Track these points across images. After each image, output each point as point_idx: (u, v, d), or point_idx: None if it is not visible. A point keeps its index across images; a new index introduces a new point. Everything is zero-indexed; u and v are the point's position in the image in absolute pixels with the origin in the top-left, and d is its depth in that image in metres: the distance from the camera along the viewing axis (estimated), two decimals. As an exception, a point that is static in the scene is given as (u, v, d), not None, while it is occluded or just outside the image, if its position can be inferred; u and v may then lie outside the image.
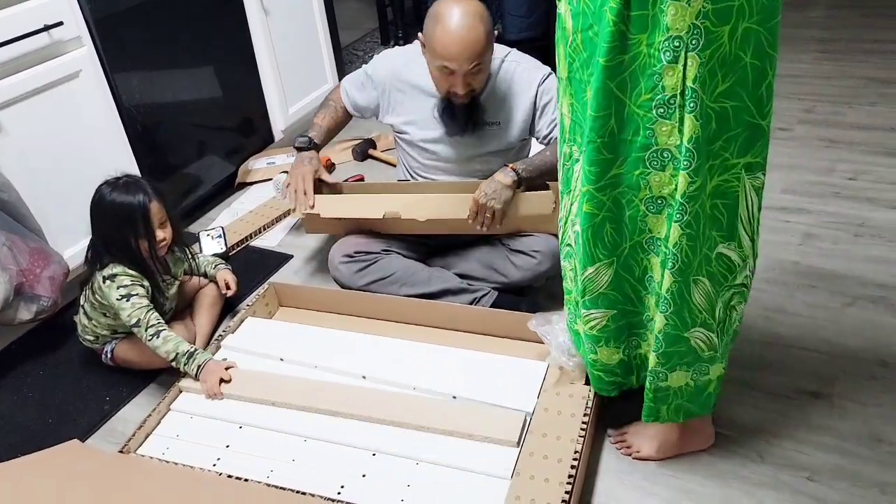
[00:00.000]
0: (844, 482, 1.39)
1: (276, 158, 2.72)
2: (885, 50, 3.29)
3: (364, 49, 4.04)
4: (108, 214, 1.64)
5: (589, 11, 1.07)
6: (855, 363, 1.65)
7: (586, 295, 1.30)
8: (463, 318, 1.78)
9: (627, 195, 1.18)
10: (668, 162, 1.12)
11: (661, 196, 1.16)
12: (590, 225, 1.21)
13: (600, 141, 1.13)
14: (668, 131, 1.09)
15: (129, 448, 1.51)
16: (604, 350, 1.37)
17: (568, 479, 1.33)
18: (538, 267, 1.81)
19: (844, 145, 2.54)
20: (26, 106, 1.83)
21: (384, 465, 1.45)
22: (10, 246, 1.72)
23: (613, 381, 1.43)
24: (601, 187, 1.17)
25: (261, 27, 2.56)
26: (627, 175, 1.16)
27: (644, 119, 1.10)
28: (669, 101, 1.06)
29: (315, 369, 1.68)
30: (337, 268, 1.89)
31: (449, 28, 1.57)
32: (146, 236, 1.65)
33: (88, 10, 1.94)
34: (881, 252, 2.00)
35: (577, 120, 1.19)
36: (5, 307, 1.73)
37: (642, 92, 1.08)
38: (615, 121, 1.11)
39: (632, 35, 1.04)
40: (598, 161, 1.15)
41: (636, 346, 1.38)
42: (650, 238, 1.22)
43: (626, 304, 1.31)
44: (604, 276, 1.26)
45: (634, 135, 1.12)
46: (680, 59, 1.02)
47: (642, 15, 1.01)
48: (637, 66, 1.06)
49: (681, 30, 1.00)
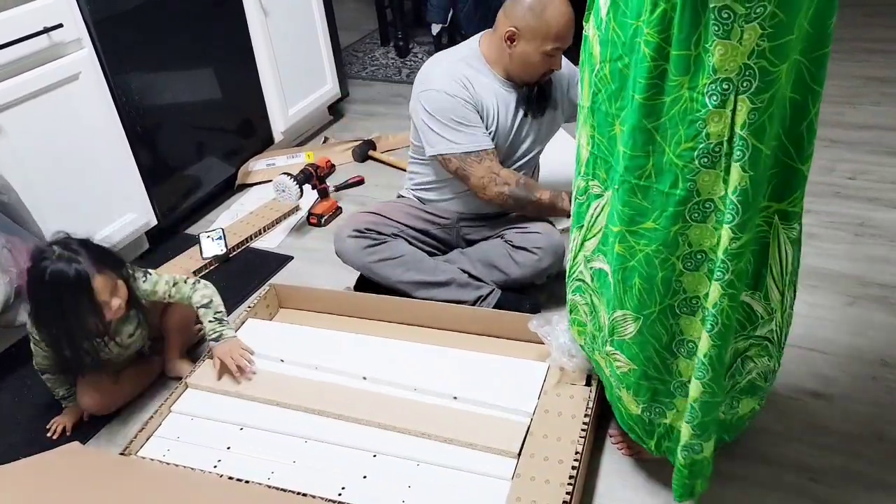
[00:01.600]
0: (847, 482, 1.38)
1: (276, 160, 2.72)
2: (887, 49, 3.29)
3: (364, 50, 4.04)
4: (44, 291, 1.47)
5: (619, 41, 1.00)
6: (856, 363, 1.65)
7: (614, 335, 1.21)
8: (463, 319, 1.78)
9: (662, 254, 1.07)
10: (711, 213, 1.01)
11: (700, 251, 1.05)
12: (620, 268, 1.12)
13: (635, 183, 1.04)
14: (711, 181, 0.99)
15: (131, 450, 1.51)
16: (625, 393, 1.27)
17: (569, 480, 1.33)
18: (539, 264, 1.81)
19: (845, 145, 2.54)
20: (26, 108, 1.83)
21: (385, 466, 1.44)
22: (10, 248, 1.72)
23: (632, 427, 1.33)
24: (634, 232, 1.08)
25: (260, 28, 2.56)
26: (663, 232, 1.05)
27: (684, 170, 0.99)
28: (714, 149, 0.96)
29: (315, 370, 1.68)
30: (344, 240, 1.84)
31: (561, 10, 1.68)
32: (91, 314, 1.49)
33: (88, 12, 1.94)
34: (882, 252, 2.00)
35: (599, 153, 1.11)
36: (6, 309, 1.73)
37: (682, 140, 0.97)
38: (652, 165, 1.02)
39: (672, 77, 0.95)
40: (632, 204, 1.06)
41: (660, 414, 1.26)
42: (684, 300, 1.11)
43: (649, 368, 1.20)
44: (630, 326, 1.17)
45: (672, 187, 1.01)
46: (728, 103, 0.92)
47: (684, 56, 0.93)
48: (677, 110, 0.96)
49: (730, 71, 0.89)
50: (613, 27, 1.00)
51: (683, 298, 1.11)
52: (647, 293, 1.12)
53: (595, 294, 1.24)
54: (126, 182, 2.14)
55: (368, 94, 3.45)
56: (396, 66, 3.75)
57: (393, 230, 1.88)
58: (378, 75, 3.67)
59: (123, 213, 2.15)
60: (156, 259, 2.26)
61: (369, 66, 3.82)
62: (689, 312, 1.12)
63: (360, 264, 1.85)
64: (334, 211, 2.44)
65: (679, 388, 1.21)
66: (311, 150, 2.81)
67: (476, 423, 1.48)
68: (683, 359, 1.18)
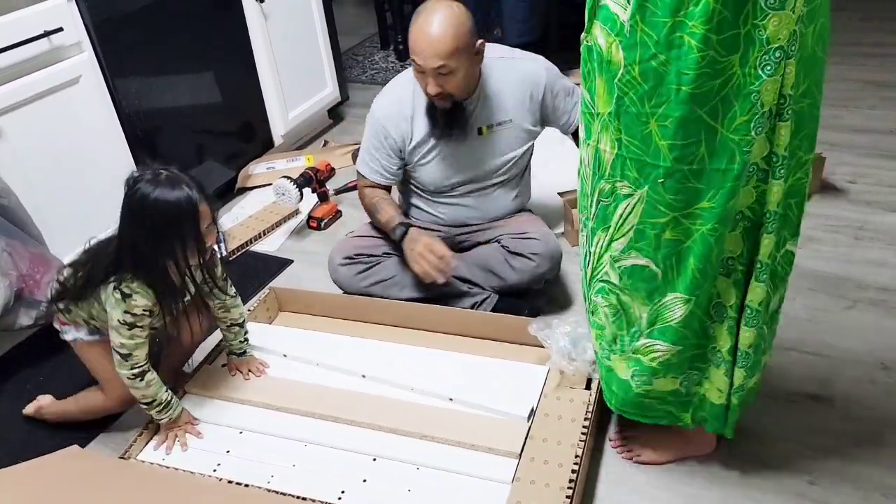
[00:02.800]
0: (846, 486, 1.39)
1: (276, 163, 2.73)
2: (884, 53, 3.30)
3: (363, 54, 4.04)
4: (150, 217, 1.35)
5: (650, 41, 1.02)
6: (856, 366, 1.65)
7: (657, 323, 1.24)
8: (463, 322, 1.78)
9: (717, 232, 1.12)
10: (752, 175, 1.08)
11: (739, 212, 1.13)
12: (673, 253, 1.16)
13: (687, 169, 1.08)
14: (760, 146, 1.06)
15: (130, 453, 1.51)
16: (661, 381, 1.30)
17: (569, 483, 1.33)
18: (536, 270, 1.81)
19: (844, 148, 2.54)
20: (26, 111, 1.83)
21: (385, 470, 1.44)
22: (10, 251, 1.72)
23: (665, 409, 1.36)
24: (689, 214, 1.12)
25: (260, 32, 2.56)
26: (719, 209, 1.10)
27: (741, 144, 1.05)
28: (766, 115, 1.03)
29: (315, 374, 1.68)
30: (337, 269, 1.89)
31: (420, 23, 1.63)
32: (195, 243, 1.38)
33: (88, 15, 1.94)
34: (881, 255, 2.00)
35: (628, 154, 1.13)
36: (5, 312, 1.73)
37: (737, 115, 1.03)
38: (705, 149, 1.07)
39: (721, 58, 0.99)
40: (685, 190, 1.10)
41: (696, 382, 1.31)
42: (721, 261, 1.17)
43: (693, 338, 1.25)
44: (679, 309, 1.21)
45: (730, 163, 1.06)
46: (780, 69, 0.98)
47: (732, 35, 0.97)
48: (730, 89, 1.02)
49: (783, 39, 0.96)
50: (642, 29, 1.02)
51: (721, 260, 1.17)
52: (701, 273, 1.16)
53: (625, 292, 1.25)
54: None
55: (368, 97, 3.41)
56: (396, 70, 3.75)
57: (385, 248, 1.90)
58: (378, 79, 3.68)
59: (123, 217, 2.15)
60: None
61: (369, 69, 3.83)
62: (724, 274, 1.18)
63: (356, 289, 1.88)
64: (334, 214, 2.44)
65: (713, 354, 1.27)
66: (311, 154, 2.81)
67: (476, 427, 1.48)
68: (719, 324, 1.23)
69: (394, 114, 1.81)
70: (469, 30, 1.64)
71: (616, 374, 1.35)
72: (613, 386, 1.38)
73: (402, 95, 1.81)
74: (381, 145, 1.84)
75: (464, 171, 1.86)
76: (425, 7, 1.65)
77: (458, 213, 1.92)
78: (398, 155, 1.85)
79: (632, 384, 1.33)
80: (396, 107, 1.81)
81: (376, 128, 1.84)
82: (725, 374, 1.27)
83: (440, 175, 1.86)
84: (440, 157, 1.84)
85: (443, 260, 1.74)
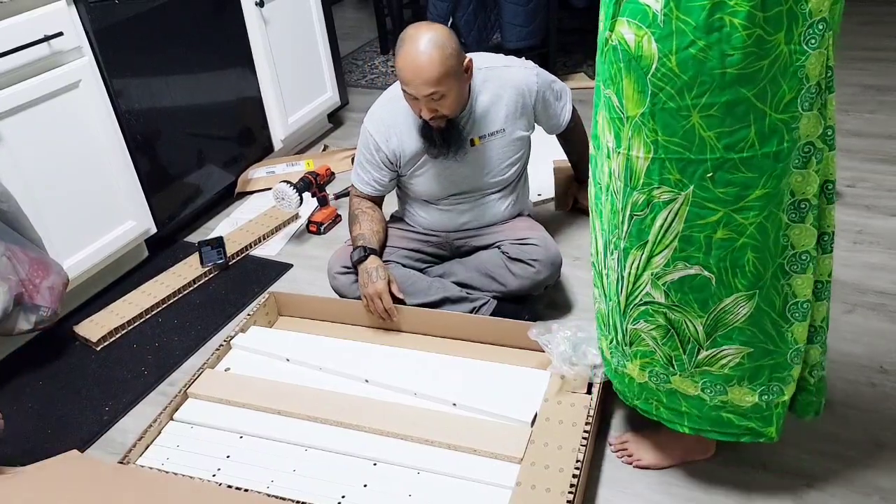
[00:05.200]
0: (845, 489, 1.39)
1: (276, 168, 2.73)
2: (883, 58, 3.31)
3: (363, 59, 4.05)
4: None
5: (688, 28, 0.99)
6: (855, 370, 1.65)
7: (717, 331, 1.19)
8: (463, 327, 1.78)
9: (773, 217, 1.09)
10: (811, 156, 1.07)
11: (804, 199, 1.10)
12: (728, 252, 1.12)
13: (737, 158, 1.05)
14: (811, 123, 1.04)
15: (130, 458, 1.51)
16: (736, 390, 1.24)
17: (570, 488, 1.33)
18: (537, 276, 1.81)
19: (842, 152, 2.55)
20: (26, 116, 1.83)
21: (385, 474, 1.44)
22: (9, 256, 1.72)
23: (746, 426, 1.29)
24: (741, 209, 1.09)
25: (260, 36, 2.57)
26: (773, 192, 1.08)
27: (789, 123, 1.03)
28: (812, 89, 1.02)
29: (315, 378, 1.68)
30: (335, 277, 1.89)
31: (405, 54, 1.64)
32: None
33: (88, 20, 1.95)
34: (880, 259, 2.00)
35: (667, 156, 1.09)
36: (5, 317, 1.73)
37: (785, 94, 1.01)
38: (755, 133, 1.04)
39: (769, 37, 0.98)
40: (735, 181, 1.07)
41: (777, 393, 1.25)
42: (792, 256, 1.14)
43: (767, 343, 1.20)
44: (743, 308, 1.16)
45: (779, 144, 1.05)
46: (824, 41, 0.98)
47: (777, 13, 0.96)
48: (777, 68, 1.00)
49: (824, 10, 0.96)
50: (677, 16, 0.99)
51: (792, 255, 1.15)
52: (761, 263, 1.13)
53: (674, 310, 1.20)
54: (126, 190, 2.14)
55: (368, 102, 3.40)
56: (396, 75, 3.75)
57: (383, 256, 1.89)
58: (378, 83, 3.68)
59: (123, 221, 2.15)
60: (155, 267, 2.26)
61: (369, 74, 3.83)
62: (800, 270, 1.16)
63: (355, 297, 1.88)
64: (334, 219, 2.44)
65: (795, 356, 1.23)
66: (310, 158, 2.81)
67: (477, 431, 1.48)
68: (798, 323, 1.20)
69: (385, 128, 1.82)
70: (455, 51, 1.64)
71: (682, 394, 1.29)
72: (682, 406, 1.31)
73: (393, 109, 1.82)
74: (371, 158, 1.86)
75: (458, 183, 1.87)
76: (408, 35, 1.66)
77: (454, 218, 1.92)
78: (389, 167, 1.86)
79: (705, 398, 1.27)
80: (388, 121, 1.82)
81: (367, 141, 1.86)
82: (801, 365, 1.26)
83: (435, 187, 1.87)
84: (434, 171, 1.84)
85: (386, 312, 1.79)
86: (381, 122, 1.84)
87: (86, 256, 2.03)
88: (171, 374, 1.86)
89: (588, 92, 1.43)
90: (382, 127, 1.83)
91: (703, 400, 1.28)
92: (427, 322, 1.81)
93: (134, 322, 2.02)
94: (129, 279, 2.23)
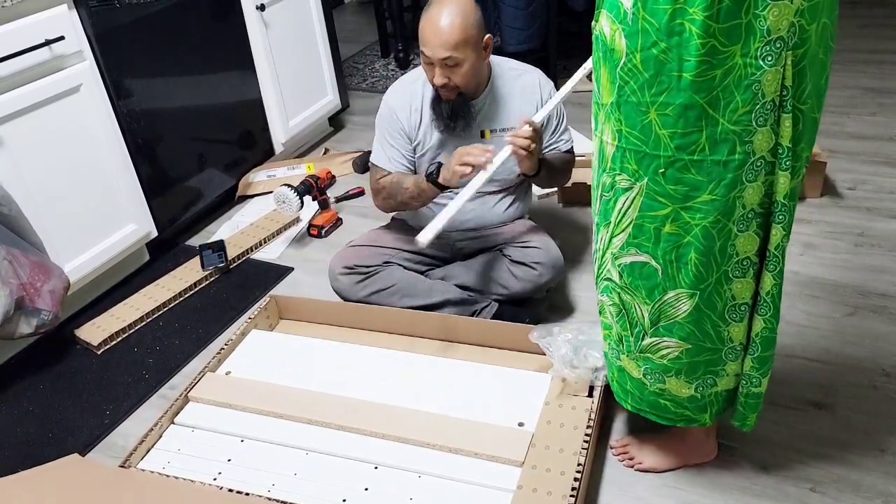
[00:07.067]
0: (848, 493, 1.38)
1: (277, 171, 2.73)
2: (884, 60, 3.31)
3: (364, 62, 4.05)
4: None
5: (652, 28, 1.03)
6: (857, 373, 1.65)
7: (661, 321, 1.24)
8: (465, 330, 1.78)
9: (720, 223, 1.12)
10: (761, 170, 1.08)
11: (751, 210, 1.12)
12: (673, 247, 1.16)
13: (688, 160, 1.09)
14: (764, 138, 1.06)
15: (130, 462, 1.51)
16: (673, 381, 1.30)
17: (571, 492, 1.32)
18: (539, 279, 1.81)
19: (844, 155, 2.55)
20: (27, 120, 1.84)
21: (387, 478, 1.44)
22: (10, 260, 1.72)
23: (682, 413, 1.35)
24: (689, 208, 1.12)
25: (261, 40, 2.57)
26: (721, 201, 1.10)
27: (742, 135, 1.05)
28: (767, 107, 1.03)
29: (316, 382, 1.68)
30: (337, 278, 1.89)
31: (430, 15, 1.66)
32: None
33: (90, 24, 1.95)
34: (881, 262, 2.00)
35: (627, 146, 1.13)
36: (6, 321, 1.73)
37: (739, 106, 1.04)
38: (706, 139, 1.07)
39: (722, 48, 1.00)
40: (684, 181, 1.11)
41: (711, 385, 1.30)
42: (737, 262, 1.17)
43: (705, 341, 1.24)
44: (684, 304, 1.20)
45: (730, 154, 1.07)
46: (781, 59, 1.00)
47: (734, 25, 0.98)
48: (732, 79, 1.02)
49: (782, 30, 0.98)
50: (643, 16, 1.03)
51: (736, 262, 1.17)
52: (704, 266, 1.16)
53: (626, 290, 1.25)
54: (127, 193, 2.14)
55: (369, 105, 3.46)
56: (396, 78, 3.75)
57: (385, 258, 1.90)
58: (379, 87, 3.69)
59: (124, 225, 2.15)
60: (156, 271, 2.26)
61: (370, 77, 3.84)
62: (740, 275, 1.18)
63: (356, 299, 1.89)
64: (335, 222, 2.44)
65: (730, 353, 1.26)
66: (311, 162, 2.81)
67: (478, 435, 1.48)
68: (735, 324, 1.23)
69: (405, 103, 1.84)
70: (477, 22, 1.67)
71: (628, 374, 1.35)
72: (627, 385, 1.37)
73: (412, 88, 1.85)
74: (393, 130, 1.85)
75: None
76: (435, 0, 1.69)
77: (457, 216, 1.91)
78: (409, 141, 1.87)
79: (646, 382, 1.33)
80: (407, 97, 1.84)
81: (388, 114, 1.86)
82: (740, 362, 1.28)
83: None
84: (443, 158, 1.84)
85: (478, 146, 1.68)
86: (402, 95, 1.86)
87: (87, 260, 2.04)
88: (172, 377, 1.86)
89: (587, 95, 1.45)
90: (402, 100, 1.85)
91: (644, 384, 1.34)
92: (428, 325, 1.81)
93: (135, 325, 2.02)
94: (130, 283, 2.23)
